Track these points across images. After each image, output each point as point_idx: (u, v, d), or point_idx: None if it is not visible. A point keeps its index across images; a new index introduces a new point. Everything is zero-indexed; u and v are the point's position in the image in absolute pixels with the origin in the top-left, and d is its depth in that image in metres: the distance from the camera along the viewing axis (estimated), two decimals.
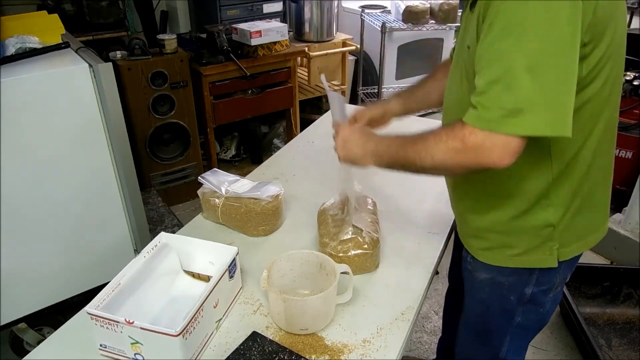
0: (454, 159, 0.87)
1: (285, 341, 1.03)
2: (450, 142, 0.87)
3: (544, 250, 1.03)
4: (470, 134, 0.83)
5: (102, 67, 1.46)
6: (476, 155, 0.84)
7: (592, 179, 0.99)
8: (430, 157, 0.91)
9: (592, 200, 1.02)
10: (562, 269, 1.08)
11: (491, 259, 1.09)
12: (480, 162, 0.84)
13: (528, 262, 1.05)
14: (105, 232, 1.67)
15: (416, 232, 1.36)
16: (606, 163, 1.02)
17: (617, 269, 2.25)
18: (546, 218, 1.00)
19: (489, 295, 1.14)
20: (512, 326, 1.15)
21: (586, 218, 1.03)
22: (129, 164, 1.64)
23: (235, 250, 1.10)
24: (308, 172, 1.69)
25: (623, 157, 2.74)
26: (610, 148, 1.02)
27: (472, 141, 0.83)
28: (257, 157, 3.47)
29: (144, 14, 3.18)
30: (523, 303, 1.11)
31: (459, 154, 0.86)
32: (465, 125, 0.84)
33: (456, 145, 0.86)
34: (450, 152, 0.87)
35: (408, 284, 1.19)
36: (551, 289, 1.11)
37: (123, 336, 0.93)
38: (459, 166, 0.88)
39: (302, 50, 3.29)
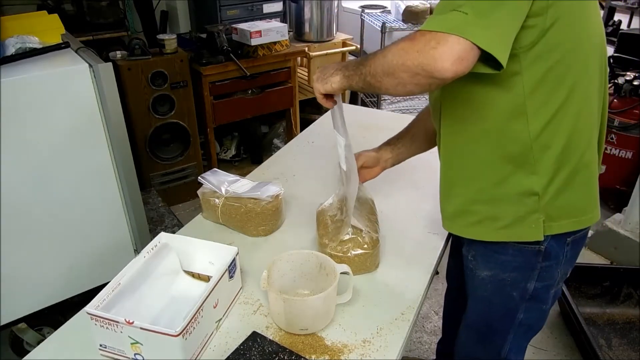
0: (400, 57, 0.87)
1: (285, 341, 1.03)
2: (401, 43, 0.88)
3: (529, 222, 1.03)
4: (421, 35, 0.84)
5: (102, 67, 1.47)
6: (419, 54, 0.84)
7: (576, 154, 1.00)
8: (382, 59, 0.90)
9: (579, 177, 1.02)
10: (563, 263, 1.09)
11: (478, 234, 1.09)
12: (423, 61, 0.83)
13: (515, 235, 1.04)
14: (105, 232, 1.67)
15: (416, 232, 1.36)
16: (589, 144, 1.03)
17: (617, 269, 2.25)
18: (530, 185, 1.00)
19: (492, 293, 1.14)
20: (515, 324, 1.15)
21: (574, 195, 1.03)
22: (129, 164, 1.64)
23: (235, 251, 1.10)
24: (308, 172, 1.69)
25: (623, 157, 2.74)
26: (591, 131, 1.03)
27: (419, 38, 0.84)
28: (257, 157, 3.47)
29: (144, 14, 3.19)
30: (525, 300, 1.11)
31: (405, 53, 0.86)
32: (420, 30, 0.85)
33: (405, 45, 0.86)
34: (399, 51, 0.87)
35: (408, 284, 1.19)
36: (553, 284, 1.12)
37: (123, 336, 0.93)
38: (405, 67, 0.86)
39: (302, 50, 3.29)
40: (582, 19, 0.94)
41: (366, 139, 1.55)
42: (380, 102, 3.61)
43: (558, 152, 0.99)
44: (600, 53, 1.01)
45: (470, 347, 1.29)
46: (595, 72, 1.01)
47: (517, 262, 1.08)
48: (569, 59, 0.93)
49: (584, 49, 0.96)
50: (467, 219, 1.10)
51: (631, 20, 3.38)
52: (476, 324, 1.25)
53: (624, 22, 3.31)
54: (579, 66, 0.96)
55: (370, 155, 1.35)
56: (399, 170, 1.45)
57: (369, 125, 1.96)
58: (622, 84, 2.66)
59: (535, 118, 0.96)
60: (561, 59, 0.93)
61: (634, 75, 2.66)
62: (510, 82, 0.94)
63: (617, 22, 3.19)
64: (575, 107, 0.97)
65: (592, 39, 0.98)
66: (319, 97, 1.14)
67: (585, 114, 1.00)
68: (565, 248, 1.07)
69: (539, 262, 1.07)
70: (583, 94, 0.98)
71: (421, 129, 1.35)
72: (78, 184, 1.55)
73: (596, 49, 0.99)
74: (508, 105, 0.95)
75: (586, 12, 0.95)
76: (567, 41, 0.92)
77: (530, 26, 0.88)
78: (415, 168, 1.56)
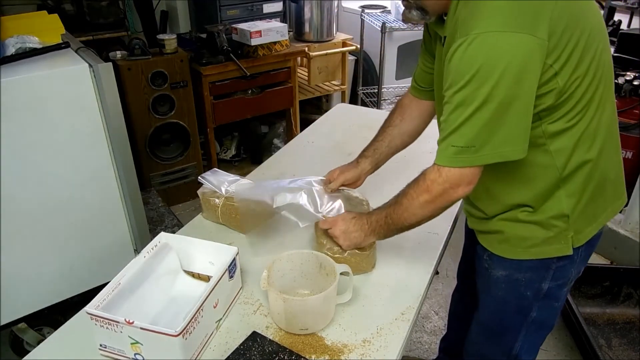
0: (430, 209, 1.02)
1: (285, 341, 1.03)
2: (420, 197, 1.01)
3: (559, 239, 1.04)
4: (432, 184, 0.98)
5: (102, 67, 1.46)
6: (441, 201, 0.99)
7: (600, 170, 1.02)
8: (413, 217, 1.05)
9: (602, 188, 1.04)
10: (577, 262, 1.09)
11: (508, 252, 1.09)
12: (445, 204, 1.00)
13: (544, 253, 1.06)
14: (105, 232, 1.67)
15: (416, 232, 1.35)
16: (612, 157, 1.06)
17: (617, 269, 2.25)
18: (560, 209, 1.02)
19: (506, 292, 1.14)
20: (527, 322, 1.16)
21: (598, 203, 1.06)
22: (129, 164, 1.63)
23: (235, 250, 1.10)
24: (308, 172, 1.68)
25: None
26: (611, 130, 1.04)
27: (436, 189, 0.98)
28: (257, 157, 3.47)
29: (144, 14, 3.18)
30: (539, 298, 1.12)
31: (431, 204, 1.00)
32: (426, 176, 0.99)
33: (426, 198, 1.00)
34: (425, 205, 1.01)
35: (408, 284, 1.19)
36: (567, 283, 1.12)
37: (123, 336, 0.93)
38: (438, 210, 1.02)
39: (302, 50, 3.29)
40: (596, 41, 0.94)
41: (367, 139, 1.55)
42: (380, 102, 3.61)
43: (585, 174, 1.00)
44: (609, 49, 1.01)
45: (481, 344, 1.29)
46: (612, 78, 1.02)
47: (532, 263, 1.08)
48: (587, 92, 0.94)
49: (597, 67, 0.95)
50: (496, 237, 1.11)
51: (631, 20, 3.39)
52: (488, 322, 1.25)
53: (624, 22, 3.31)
54: (601, 85, 0.96)
55: (349, 175, 1.35)
56: (399, 171, 1.45)
57: (369, 125, 1.95)
58: (622, 84, 2.66)
59: (558, 154, 0.97)
60: (584, 93, 0.93)
61: (634, 75, 2.65)
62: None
63: (617, 22, 3.19)
64: (598, 125, 0.98)
65: (603, 55, 0.97)
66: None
67: (607, 131, 1.01)
68: (581, 249, 1.08)
69: (554, 263, 1.07)
70: (604, 114, 0.99)
71: (396, 135, 1.36)
72: (78, 184, 1.55)
73: (605, 57, 0.98)
74: (532, 152, 0.96)
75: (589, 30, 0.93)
76: (585, 76, 0.92)
77: (543, 93, 0.91)
78: (415, 168, 1.56)
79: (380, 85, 3.58)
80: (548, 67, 0.87)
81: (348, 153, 1.78)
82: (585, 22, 0.91)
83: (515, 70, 0.84)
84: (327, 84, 3.69)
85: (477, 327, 1.29)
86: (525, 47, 0.84)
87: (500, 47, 0.84)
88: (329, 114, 2.20)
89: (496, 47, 0.84)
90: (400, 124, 1.35)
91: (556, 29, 0.86)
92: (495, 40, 0.84)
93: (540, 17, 0.85)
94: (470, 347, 1.33)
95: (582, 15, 0.92)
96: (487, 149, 0.90)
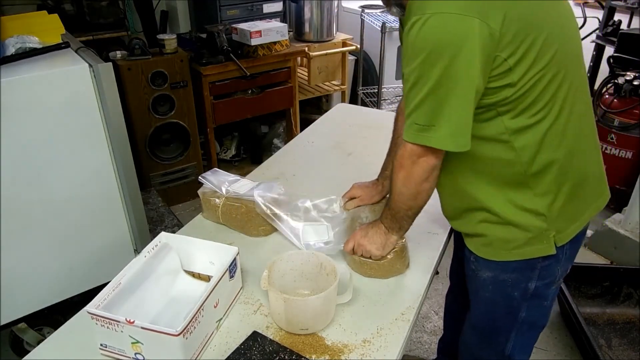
0: (412, 184, 1.04)
1: (285, 341, 1.03)
2: (399, 176, 1.05)
3: (540, 239, 1.04)
4: (402, 159, 1.02)
5: (102, 67, 1.46)
6: (417, 171, 1.01)
7: (575, 168, 1.02)
8: (403, 197, 1.07)
9: (581, 186, 1.05)
10: (563, 260, 1.09)
11: (493, 255, 1.10)
12: (424, 171, 1.01)
13: (528, 254, 1.06)
14: (105, 232, 1.67)
15: (416, 232, 1.36)
16: (588, 153, 1.06)
17: (617, 269, 2.25)
18: (534, 207, 1.02)
19: (493, 293, 1.15)
20: (518, 322, 1.16)
21: (579, 202, 1.06)
22: (129, 164, 1.63)
23: (236, 250, 1.10)
24: (308, 172, 1.69)
25: (623, 157, 2.74)
26: (583, 130, 1.05)
27: (406, 163, 1.02)
28: (257, 157, 3.47)
29: (144, 14, 3.18)
30: (527, 298, 1.12)
31: (409, 179, 1.03)
32: (397, 155, 1.04)
33: (403, 174, 1.04)
34: (405, 182, 1.05)
35: (408, 284, 1.20)
36: (554, 281, 1.12)
37: (123, 336, 0.93)
38: (419, 182, 1.03)
39: (302, 50, 3.29)
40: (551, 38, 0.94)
41: (367, 139, 1.56)
42: (380, 102, 3.61)
43: (555, 174, 1.01)
44: (577, 51, 1.02)
45: (474, 346, 1.29)
46: (583, 79, 1.03)
47: (517, 264, 1.08)
48: (547, 91, 0.95)
49: (561, 61, 0.96)
50: (480, 240, 1.12)
51: (631, 20, 3.38)
52: (479, 324, 1.25)
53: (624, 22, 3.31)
54: (564, 84, 0.97)
55: (365, 194, 1.38)
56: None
57: (369, 125, 1.96)
58: (622, 84, 2.66)
59: (523, 151, 0.99)
60: (543, 90, 0.95)
61: (634, 75, 2.65)
62: (491, 124, 0.99)
63: (617, 22, 3.19)
64: (566, 125, 0.99)
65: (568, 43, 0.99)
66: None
67: (577, 130, 1.01)
68: (565, 247, 1.08)
69: (539, 262, 1.07)
70: (573, 113, 0.99)
71: None
72: (78, 183, 1.55)
73: (571, 60, 0.99)
74: (497, 148, 1.00)
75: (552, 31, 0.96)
76: (542, 74, 0.94)
77: (498, 87, 0.93)
78: None
79: (380, 85, 3.58)
80: (502, 60, 0.90)
81: (348, 153, 1.79)
82: (545, 22, 0.93)
83: (465, 52, 0.87)
84: (327, 84, 3.69)
85: (469, 329, 1.30)
86: (476, 31, 0.86)
87: (453, 28, 0.87)
88: (329, 114, 2.20)
89: (448, 28, 0.87)
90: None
91: (510, 26, 0.88)
92: (447, 20, 0.87)
93: (493, 8, 0.87)
94: (464, 349, 1.34)
95: (542, 15, 0.94)
96: (442, 130, 0.93)
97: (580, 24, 3.39)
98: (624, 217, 2.52)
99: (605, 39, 3.16)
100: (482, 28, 0.86)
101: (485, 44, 0.87)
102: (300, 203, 1.36)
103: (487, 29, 0.87)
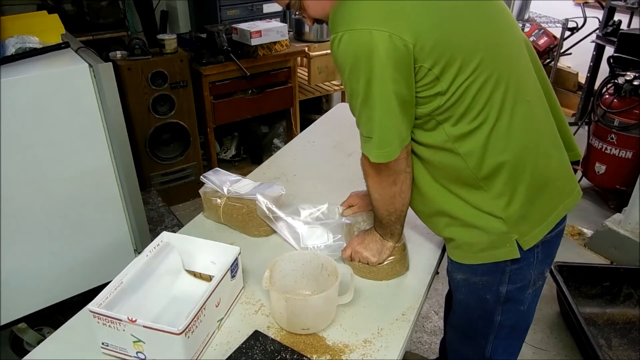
0: (383, 187, 1.07)
1: (286, 341, 1.03)
2: (370, 182, 1.10)
3: (503, 242, 1.04)
4: (366, 167, 1.07)
5: (102, 67, 1.46)
6: (384, 175, 1.05)
7: (528, 169, 1.01)
8: (381, 201, 1.10)
9: (539, 187, 1.03)
10: (535, 263, 1.08)
11: (462, 258, 1.10)
12: (391, 174, 1.05)
13: (493, 257, 1.06)
14: (105, 232, 1.67)
15: (416, 232, 1.36)
16: (541, 152, 1.04)
17: (617, 269, 2.25)
18: (490, 209, 1.02)
19: (467, 295, 1.16)
20: (494, 326, 1.16)
21: (541, 203, 1.05)
22: (129, 164, 1.63)
23: (237, 250, 1.10)
24: (308, 172, 1.69)
25: (623, 157, 2.74)
26: (538, 130, 1.05)
27: (370, 171, 1.06)
28: (257, 157, 3.47)
29: (144, 14, 3.18)
30: (501, 302, 1.11)
31: (379, 183, 1.07)
32: (362, 161, 1.08)
33: (373, 180, 1.08)
34: (377, 187, 1.09)
35: (408, 284, 1.20)
36: (527, 285, 1.11)
37: (125, 334, 0.93)
38: (391, 184, 1.06)
39: (302, 50, 3.29)
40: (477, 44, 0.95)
41: None
42: None
43: (505, 177, 1.00)
44: (511, 51, 1.02)
45: (456, 346, 1.30)
46: (525, 78, 1.03)
47: (485, 267, 1.08)
48: (480, 95, 0.96)
49: (496, 66, 0.97)
50: (449, 244, 1.13)
51: (631, 20, 3.39)
52: (458, 324, 1.26)
53: (624, 22, 3.31)
54: (499, 88, 0.97)
55: (363, 202, 1.37)
56: None
57: None
58: (622, 84, 2.66)
59: (468, 156, 0.99)
60: (476, 96, 0.96)
61: (634, 75, 2.66)
62: (435, 133, 1.01)
63: (617, 22, 3.19)
64: (509, 127, 0.99)
65: (504, 46, 1.00)
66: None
67: (524, 131, 1.01)
68: (536, 250, 1.06)
69: (507, 266, 1.06)
70: (516, 114, 0.99)
71: None
72: (78, 183, 1.55)
73: (505, 49, 1.00)
74: (444, 155, 1.02)
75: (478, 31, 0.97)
76: (471, 80, 0.95)
77: (428, 96, 0.95)
78: None
79: None
80: (427, 70, 0.93)
81: (348, 153, 1.79)
82: (465, 30, 0.95)
83: (376, 63, 0.90)
84: (327, 84, 3.69)
85: (450, 329, 1.31)
86: (385, 43, 0.89)
87: (363, 43, 0.90)
88: (329, 114, 2.20)
89: (359, 43, 0.90)
90: None
91: (427, 37, 0.91)
92: (357, 36, 0.90)
93: (404, 22, 0.91)
94: (449, 347, 1.35)
95: (460, 23, 0.95)
96: (374, 141, 0.97)
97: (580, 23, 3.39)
98: (624, 217, 2.52)
99: (605, 39, 3.17)
100: (393, 40, 0.89)
101: (398, 54, 0.90)
102: (300, 207, 1.37)
103: (400, 41, 0.89)
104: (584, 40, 3.58)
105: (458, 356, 1.31)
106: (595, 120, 2.83)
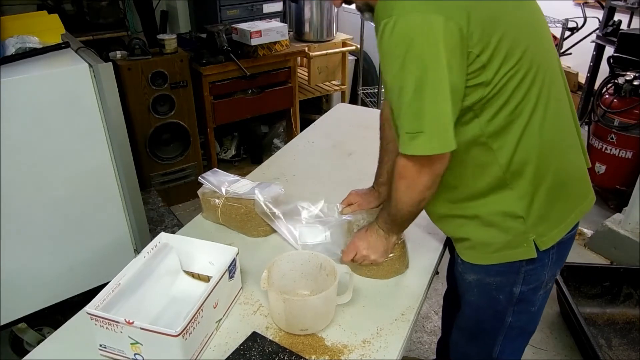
0: (414, 193, 1.02)
1: (285, 341, 1.03)
2: (400, 185, 1.03)
3: (520, 242, 1.04)
4: (404, 169, 1.00)
5: (102, 67, 1.46)
6: (420, 180, 0.99)
7: (550, 170, 1.01)
8: (404, 205, 1.05)
9: (559, 189, 1.03)
10: (549, 265, 1.08)
11: (476, 258, 1.10)
12: (428, 179, 0.99)
13: (509, 257, 1.05)
14: (105, 232, 1.67)
15: (416, 232, 1.36)
16: (563, 156, 1.04)
17: (617, 269, 2.25)
18: (512, 209, 1.02)
19: (479, 296, 1.15)
20: (505, 327, 1.16)
21: (560, 206, 1.05)
22: (129, 164, 1.63)
23: (235, 251, 1.10)
24: (308, 172, 1.69)
25: (623, 157, 2.74)
26: (562, 129, 1.04)
27: (409, 173, 0.99)
28: (257, 157, 3.47)
29: (144, 14, 3.18)
30: (513, 303, 1.11)
31: (411, 189, 1.01)
32: (398, 163, 1.00)
33: (405, 184, 1.01)
34: (407, 192, 1.03)
35: (408, 284, 1.20)
36: (540, 286, 1.11)
37: (123, 336, 0.93)
38: (423, 191, 1.01)
39: (302, 50, 3.29)
40: (521, 38, 0.95)
41: (367, 139, 1.56)
42: (380, 102, 3.62)
43: (531, 175, 1.00)
44: (548, 47, 1.02)
45: (462, 347, 1.30)
46: (557, 76, 1.03)
47: (501, 267, 1.08)
48: (519, 88, 0.95)
49: (535, 62, 0.96)
50: (462, 244, 1.12)
51: (631, 20, 3.38)
52: (466, 325, 1.25)
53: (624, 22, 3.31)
54: (537, 82, 0.97)
55: (363, 200, 1.36)
56: None
57: (369, 125, 1.95)
58: (622, 84, 2.66)
59: (500, 151, 0.98)
60: (516, 88, 0.94)
61: (634, 75, 2.65)
62: (468, 127, 0.98)
63: (617, 22, 3.19)
64: (540, 127, 0.98)
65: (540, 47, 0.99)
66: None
67: (553, 129, 1.00)
68: (551, 252, 1.07)
69: (523, 267, 1.07)
70: (548, 111, 0.99)
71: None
72: (78, 184, 1.55)
73: (542, 57, 0.99)
74: (475, 150, 1.00)
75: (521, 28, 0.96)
76: (515, 71, 0.93)
77: (473, 86, 0.93)
78: None
79: (380, 85, 3.59)
80: (475, 56, 0.90)
81: (348, 153, 1.79)
82: (510, 21, 0.94)
83: (432, 49, 0.86)
84: (327, 84, 3.69)
85: (457, 330, 1.30)
86: (440, 27, 0.86)
87: (419, 28, 0.87)
88: (329, 114, 2.20)
89: (415, 28, 0.87)
90: (395, 149, 1.34)
91: (477, 23, 0.88)
92: (413, 21, 0.87)
93: (457, 8, 0.88)
94: (453, 349, 1.34)
95: (506, 15, 0.94)
96: (428, 134, 0.91)
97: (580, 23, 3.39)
98: (624, 217, 2.52)
99: (605, 39, 3.16)
100: (448, 24, 0.86)
101: (454, 40, 0.87)
102: (299, 205, 1.36)
103: (454, 25, 0.87)
104: (584, 40, 3.57)
105: (463, 357, 1.30)
106: (595, 120, 2.83)
